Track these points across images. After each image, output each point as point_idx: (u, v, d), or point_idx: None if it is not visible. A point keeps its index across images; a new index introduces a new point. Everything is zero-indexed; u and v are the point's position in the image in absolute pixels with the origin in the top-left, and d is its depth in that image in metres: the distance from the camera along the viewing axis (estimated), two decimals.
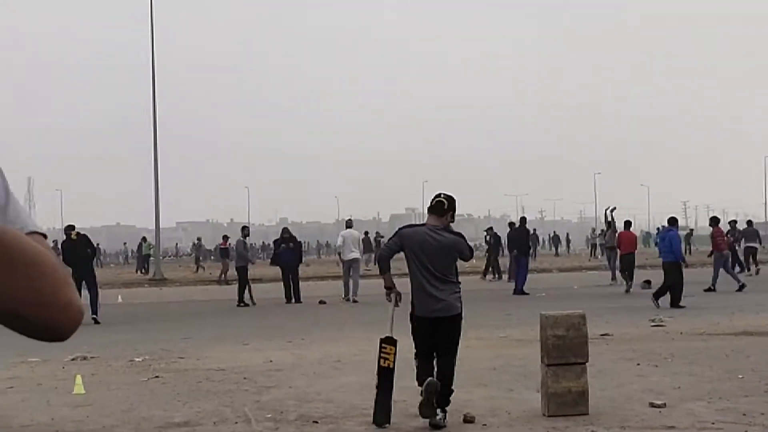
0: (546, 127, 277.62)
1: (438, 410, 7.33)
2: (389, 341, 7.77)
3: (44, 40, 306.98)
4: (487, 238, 31.96)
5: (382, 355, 7.70)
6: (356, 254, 23.12)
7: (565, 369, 7.47)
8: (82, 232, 19.01)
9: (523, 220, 25.79)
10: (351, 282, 22.94)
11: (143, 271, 46.00)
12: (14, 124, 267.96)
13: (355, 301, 22.40)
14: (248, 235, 24.62)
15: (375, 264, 45.31)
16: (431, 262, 7.58)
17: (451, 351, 7.70)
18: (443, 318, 7.61)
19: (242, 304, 21.96)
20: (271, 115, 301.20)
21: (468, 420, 7.40)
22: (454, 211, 7.79)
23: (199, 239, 54.79)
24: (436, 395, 7.33)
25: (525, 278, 23.44)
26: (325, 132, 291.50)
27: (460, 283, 7.84)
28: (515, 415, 7.63)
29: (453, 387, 7.58)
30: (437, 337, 7.70)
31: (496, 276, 30.83)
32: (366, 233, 48.73)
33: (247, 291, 22.24)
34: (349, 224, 24.30)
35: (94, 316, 17.72)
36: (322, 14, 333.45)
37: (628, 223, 25.33)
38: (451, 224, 7.77)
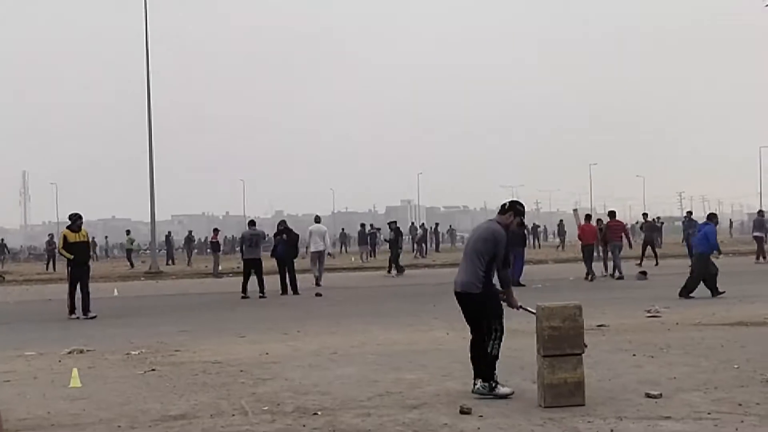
0: (541, 118, 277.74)
1: (476, 380, 8.17)
2: None
3: (39, 33, 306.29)
4: (390, 233, 31.07)
5: None
6: (321, 246, 25.59)
7: (561, 360, 7.47)
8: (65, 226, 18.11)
9: None
10: (318, 271, 25.53)
11: (130, 265, 45.39)
12: (9, 118, 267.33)
13: (320, 284, 24.75)
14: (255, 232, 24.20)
15: (370, 256, 45.72)
16: (469, 244, 8.42)
17: (475, 328, 8.29)
18: (460, 293, 8.29)
19: (262, 295, 21.78)
20: (267, 108, 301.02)
21: (464, 411, 7.40)
22: (516, 212, 8.40)
23: (190, 232, 54.44)
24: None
25: (521, 270, 23.46)
26: (320, 124, 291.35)
27: (490, 270, 8.20)
28: (511, 407, 7.63)
29: (489, 354, 8.12)
30: (463, 312, 8.42)
31: (398, 272, 30.33)
32: (362, 225, 48.87)
33: (246, 283, 22.14)
34: (317, 219, 26.52)
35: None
36: (321, 7, 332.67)
37: (588, 217, 27.25)
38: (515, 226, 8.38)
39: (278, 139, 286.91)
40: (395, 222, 32.01)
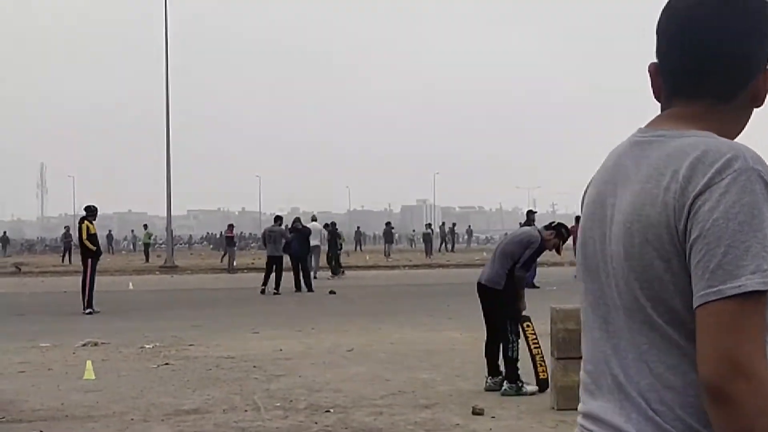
0: (557, 120, 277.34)
1: (488, 377, 8.51)
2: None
3: (58, 25, 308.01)
4: (326, 234, 29.89)
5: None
6: (317, 242, 27.29)
7: (574, 363, 7.44)
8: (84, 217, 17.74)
9: (529, 213, 25.65)
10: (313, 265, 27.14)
11: (146, 258, 45.54)
12: (27, 110, 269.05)
13: (314, 278, 25.61)
14: (281, 225, 23.79)
15: (386, 256, 46.01)
16: (501, 244, 8.87)
17: (490, 325, 8.59)
18: (482, 285, 8.53)
19: (276, 292, 21.77)
20: (284, 105, 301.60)
21: (477, 412, 7.40)
22: (559, 234, 8.76)
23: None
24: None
25: (535, 271, 23.39)
26: (337, 122, 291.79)
27: (520, 273, 8.50)
28: (524, 408, 7.63)
29: (509, 358, 8.32)
30: (482, 306, 8.67)
31: (335, 273, 29.30)
32: (388, 224, 49.76)
33: (267, 278, 22.12)
34: (313, 218, 28.46)
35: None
36: (335, 4, 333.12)
37: (578, 219, 26.77)
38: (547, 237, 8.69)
39: (295, 135, 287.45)
40: (334, 224, 31.47)
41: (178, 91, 52.33)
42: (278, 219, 23.86)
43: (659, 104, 1.76)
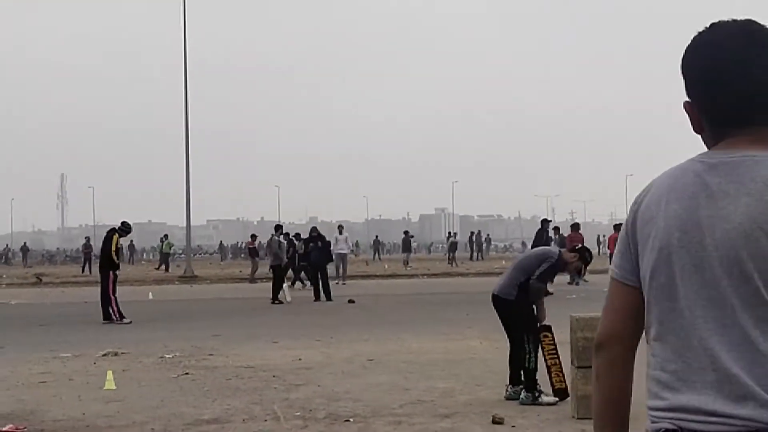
0: (576, 129, 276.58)
1: (509, 386, 8.46)
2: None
3: (77, 39, 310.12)
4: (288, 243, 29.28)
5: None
6: (345, 250, 29.88)
7: None
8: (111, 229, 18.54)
9: (543, 221, 25.63)
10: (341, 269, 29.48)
11: (165, 268, 45.25)
12: (48, 121, 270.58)
13: (343, 283, 28.20)
14: (282, 233, 24.58)
15: (407, 264, 46.05)
16: (519, 257, 9.13)
17: (509, 336, 8.58)
18: (496, 296, 8.50)
19: (276, 302, 21.93)
20: (302, 115, 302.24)
21: (497, 421, 7.38)
22: (582, 259, 8.85)
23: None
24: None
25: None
26: (355, 131, 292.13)
27: (536, 284, 8.45)
28: (545, 417, 7.60)
29: (526, 369, 8.26)
30: (498, 317, 8.65)
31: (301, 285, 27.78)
32: (406, 233, 49.95)
33: (283, 288, 22.25)
34: (340, 228, 30.15)
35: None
36: (351, 15, 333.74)
37: (617, 226, 27.86)
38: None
39: (313, 145, 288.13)
40: (298, 234, 31.44)
41: (197, 102, 52.52)
42: (278, 228, 24.18)
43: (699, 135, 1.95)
